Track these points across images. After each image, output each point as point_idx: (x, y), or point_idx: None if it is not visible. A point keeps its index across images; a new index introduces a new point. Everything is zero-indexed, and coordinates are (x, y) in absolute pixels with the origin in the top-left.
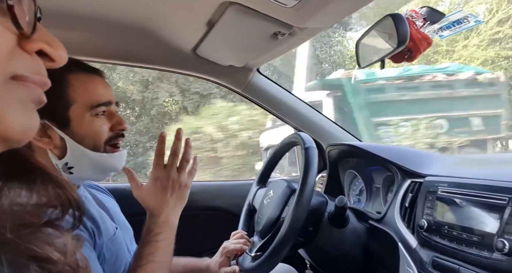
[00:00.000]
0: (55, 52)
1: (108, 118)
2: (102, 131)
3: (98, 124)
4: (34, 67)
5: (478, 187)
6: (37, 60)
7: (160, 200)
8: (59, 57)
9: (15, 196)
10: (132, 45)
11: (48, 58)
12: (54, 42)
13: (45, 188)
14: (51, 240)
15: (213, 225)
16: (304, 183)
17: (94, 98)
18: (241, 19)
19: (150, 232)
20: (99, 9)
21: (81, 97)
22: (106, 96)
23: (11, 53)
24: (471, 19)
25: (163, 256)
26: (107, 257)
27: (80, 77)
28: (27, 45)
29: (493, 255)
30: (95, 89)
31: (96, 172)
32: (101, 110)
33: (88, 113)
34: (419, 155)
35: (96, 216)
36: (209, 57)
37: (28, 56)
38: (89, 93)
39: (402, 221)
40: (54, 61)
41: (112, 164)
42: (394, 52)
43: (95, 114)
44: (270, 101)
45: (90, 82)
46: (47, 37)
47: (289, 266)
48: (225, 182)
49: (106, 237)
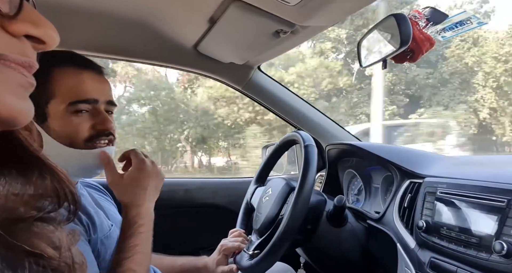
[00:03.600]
0: (44, 32)
1: (92, 116)
2: (80, 130)
3: (76, 122)
4: (17, 48)
5: (477, 188)
6: (22, 42)
7: (143, 190)
8: (48, 38)
9: (11, 188)
10: (133, 40)
11: (38, 40)
12: (42, 23)
13: (42, 179)
14: (45, 235)
15: (211, 222)
16: (303, 181)
17: (74, 95)
18: (243, 17)
19: (134, 223)
20: (100, 4)
21: (61, 92)
22: (92, 93)
23: None
24: (474, 20)
25: (147, 247)
26: (102, 252)
27: (66, 72)
28: (9, 27)
29: (491, 257)
30: (79, 85)
31: (75, 169)
32: (83, 108)
33: (66, 110)
34: (419, 156)
35: (92, 212)
36: (210, 54)
37: (11, 38)
38: (70, 89)
39: (400, 221)
40: (44, 43)
41: (91, 161)
42: (396, 52)
43: (73, 111)
44: (270, 99)
45: (75, 78)
46: (35, 17)
47: (286, 265)
48: (224, 179)
49: (101, 233)
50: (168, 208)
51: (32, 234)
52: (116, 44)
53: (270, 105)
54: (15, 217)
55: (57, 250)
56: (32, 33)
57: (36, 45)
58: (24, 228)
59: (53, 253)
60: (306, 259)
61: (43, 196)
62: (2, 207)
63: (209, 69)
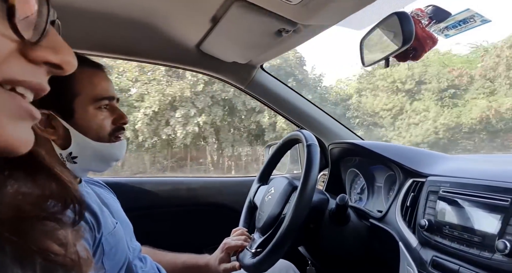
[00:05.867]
0: (63, 59)
1: (110, 112)
2: (105, 124)
3: (101, 117)
4: (32, 74)
5: (480, 187)
6: (40, 68)
7: None
8: (66, 65)
9: (19, 188)
10: (136, 40)
11: (55, 65)
12: (62, 49)
13: (48, 184)
14: (51, 233)
15: (214, 221)
16: (306, 180)
17: (98, 92)
18: (245, 16)
19: None
20: (103, 4)
21: (85, 90)
22: (109, 91)
23: (5, 60)
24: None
25: None
26: (106, 250)
27: (85, 71)
28: (30, 54)
29: (494, 256)
30: (100, 83)
31: (99, 162)
32: (104, 104)
33: (92, 106)
34: (421, 154)
35: (96, 210)
36: (213, 54)
37: (29, 64)
38: (93, 87)
39: (403, 220)
40: (62, 69)
41: (114, 153)
42: (399, 50)
43: (98, 107)
44: (273, 99)
45: (95, 76)
46: (56, 43)
47: (289, 263)
48: (227, 178)
49: (106, 230)
50: (171, 207)
51: (38, 232)
52: (119, 44)
53: (273, 105)
54: (23, 215)
55: (63, 246)
56: (51, 61)
57: (52, 70)
58: (31, 226)
59: (59, 250)
60: (309, 257)
61: (50, 198)
62: (10, 205)
63: (212, 68)
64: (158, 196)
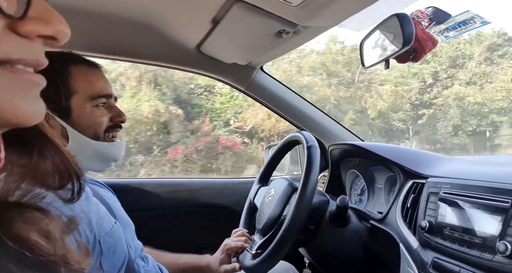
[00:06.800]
0: (56, 29)
1: (108, 110)
2: (103, 122)
3: (98, 115)
4: (28, 50)
5: (481, 189)
6: (34, 42)
7: None
8: (60, 34)
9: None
10: (136, 41)
11: (49, 37)
12: (52, 18)
13: (44, 157)
14: (37, 226)
15: (214, 222)
16: (306, 181)
17: (95, 90)
18: (246, 17)
19: None
20: (103, 5)
21: (82, 88)
22: (106, 89)
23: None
24: (477, 20)
25: None
26: (104, 251)
27: (82, 69)
28: (20, 28)
29: (495, 258)
30: (96, 81)
31: (97, 161)
32: (102, 102)
33: (89, 104)
34: (422, 156)
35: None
36: (213, 55)
37: (22, 39)
38: (90, 85)
39: (403, 221)
40: (56, 39)
41: (113, 153)
42: (399, 52)
43: (95, 105)
44: (273, 100)
45: (92, 74)
46: (45, 13)
47: (289, 264)
48: (228, 180)
49: (103, 231)
50: (171, 208)
51: (24, 224)
52: (119, 45)
53: (273, 106)
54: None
55: (47, 238)
56: (43, 33)
57: (47, 42)
58: (16, 218)
59: (45, 245)
60: (309, 259)
61: (46, 174)
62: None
63: (212, 69)
64: (159, 197)
